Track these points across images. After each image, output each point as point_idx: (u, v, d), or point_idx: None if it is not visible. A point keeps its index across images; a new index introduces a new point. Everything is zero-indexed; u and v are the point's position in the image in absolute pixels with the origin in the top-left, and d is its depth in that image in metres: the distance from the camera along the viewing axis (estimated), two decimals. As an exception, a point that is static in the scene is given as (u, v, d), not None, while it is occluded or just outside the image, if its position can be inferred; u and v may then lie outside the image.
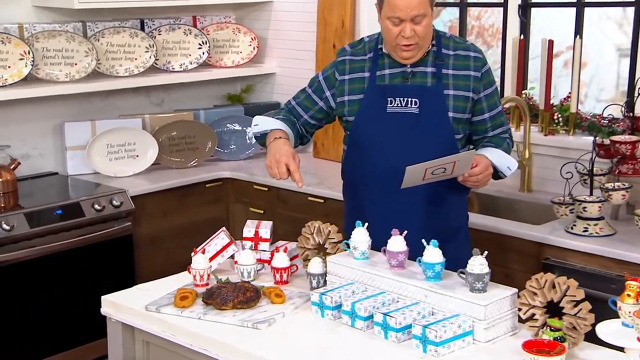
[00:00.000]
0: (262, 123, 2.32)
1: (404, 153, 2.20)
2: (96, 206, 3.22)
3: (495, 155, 2.22)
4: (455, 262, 1.96)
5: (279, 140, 2.22)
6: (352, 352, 1.76)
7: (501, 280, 1.87)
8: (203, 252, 2.19)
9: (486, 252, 1.83)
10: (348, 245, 2.07)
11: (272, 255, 2.24)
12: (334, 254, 2.14)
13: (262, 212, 3.58)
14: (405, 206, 2.21)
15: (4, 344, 2.99)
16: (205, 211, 3.62)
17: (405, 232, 1.97)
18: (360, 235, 2.04)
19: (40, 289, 3.06)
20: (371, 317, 1.86)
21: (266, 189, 3.57)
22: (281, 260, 2.17)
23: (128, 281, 3.23)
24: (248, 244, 2.27)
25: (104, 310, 2.12)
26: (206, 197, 3.64)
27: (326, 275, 2.09)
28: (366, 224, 2.05)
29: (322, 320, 1.94)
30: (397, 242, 1.96)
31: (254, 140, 3.95)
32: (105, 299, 2.12)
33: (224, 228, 2.31)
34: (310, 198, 3.36)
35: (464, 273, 1.83)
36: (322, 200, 3.34)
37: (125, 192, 3.33)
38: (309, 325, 1.92)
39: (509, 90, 3.32)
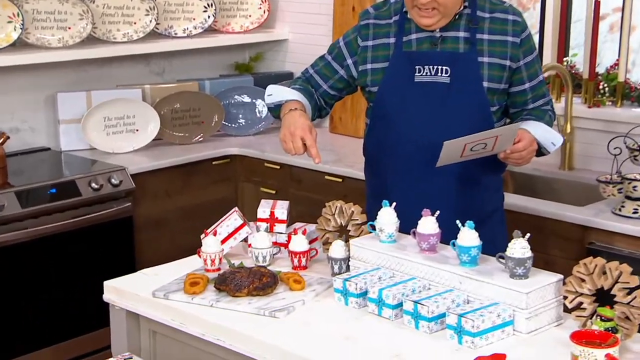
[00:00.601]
0: (277, 93, 2.31)
1: (434, 127, 2.20)
2: (93, 185, 3.24)
3: (539, 130, 2.22)
4: (489, 246, 1.97)
5: (294, 112, 2.22)
6: (379, 343, 1.78)
7: (541, 267, 1.88)
8: (214, 234, 2.21)
9: (528, 235, 1.83)
10: (373, 227, 2.08)
11: (289, 238, 2.26)
12: (358, 236, 2.15)
13: (274, 192, 3.59)
14: (435, 186, 2.22)
15: (-5, 334, 3.04)
16: (212, 191, 3.64)
17: (438, 212, 1.98)
18: (387, 216, 2.05)
19: (33, 274, 3.09)
20: (400, 305, 1.87)
21: (278, 167, 3.58)
22: (300, 243, 2.19)
23: (128, 267, 3.25)
24: (263, 225, 2.28)
25: (106, 296, 2.15)
26: (213, 176, 3.66)
27: (349, 260, 2.11)
28: (394, 204, 2.06)
29: (345, 308, 1.96)
30: (428, 224, 1.97)
31: (264, 114, 3.97)
32: (108, 284, 2.15)
33: (236, 208, 2.33)
34: (327, 177, 3.37)
35: (503, 257, 1.84)
36: (339, 179, 3.35)
37: (125, 169, 3.35)
38: (332, 313, 1.93)
39: (549, 58, 3.29)
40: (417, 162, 2.22)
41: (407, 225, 2.05)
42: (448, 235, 1.96)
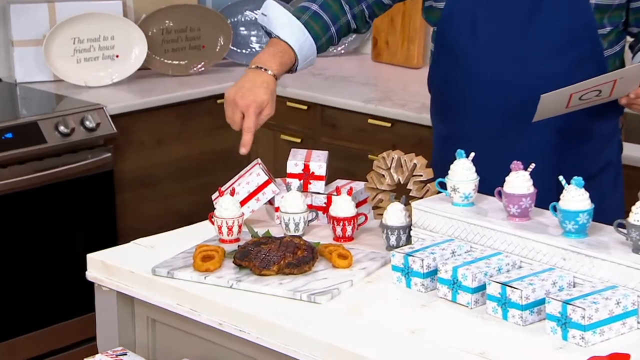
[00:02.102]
0: (272, 16, 2.28)
1: (520, 57, 2.20)
2: (61, 128, 3.26)
3: None
4: (603, 212, 1.97)
5: (260, 73, 2.22)
6: (455, 337, 1.78)
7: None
8: (232, 194, 2.22)
9: (657, 196, 1.83)
10: (444, 185, 2.08)
11: (330, 199, 2.26)
12: (422, 198, 2.15)
13: (298, 140, 3.61)
14: (527, 139, 2.23)
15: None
16: (216, 139, 3.66)
17: (533, 165, 1.98)
18: (463, 171, 2.04)
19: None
20: (482, 288, 1.88)
21: (305, 107, 3.59)
22: (344, 207, 2.19)
23: (107, 236, 3.30)
24: (294, 183, 2.29)
25: (90, 274, 2.16)
26: (217, 119, 3.64)
27: (410, 229, 2.11)
28: (472, 154, 2.06)
29: (407, 292, 1.96)
30: (519, 180, 1.96)
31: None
32: (93, 258, 2.16)
33: (259, 160, 2.34)
34: (370, 120, 3.38)
35: (623, 226, 1.83)
36: (388, 124, 3.36)
37: (103, 108, 3.36)
38: (389, 298, 1.94)
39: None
40: (497, 110, 2.24)
41: (489, 184, 2.05)
42: (545, 197, 1.96)
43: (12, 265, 3.16)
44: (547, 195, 1.99)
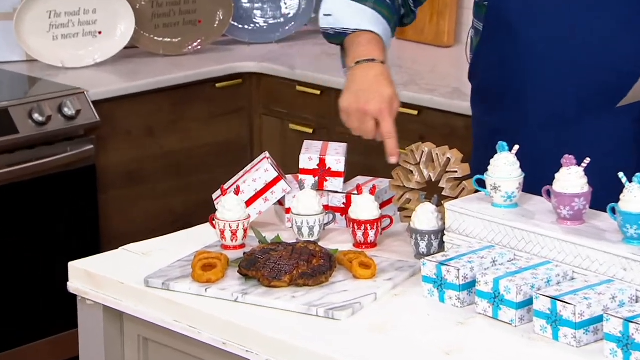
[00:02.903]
0: (339, 14, 2.30)
1: (589, 38, 2.20)
2: (35, 116, 3.27)
3: None
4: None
5: (370, 65, 2.22)
6: (496, 360, 1.79)
7: None
8: (236, 193, 2.22)
9: None
10: (483, 183, 2.08)
11: (349, 199, 2.26)
12: (457, 197, 2.15)
13: (310, 131, 3.61)
14: (602, 126, 2.23)
15: None
16: (215, 129, 3.67)
17: (587, 160, 1.98)
18: (506, 166, 2.04)
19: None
20: (529, 302, 1.87)
21: (318, 91, 3.60)
22: (366, 207, 2.19)
23: (89, 242, 3.30)
24: (308, 180, 2.29)
25: (72, 285, 2.17)
26: (216, 106, 3.69)
27: (443, 234, 2.11)
28: (515, 147, 2.06)
29: (441, 307, 1.96)
30: (571, 178, 1.96)
31: (295, 9, 3.96)
32: (76, 267, 2.16)
33: (267, 154, 2.34)
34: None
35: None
36: (414, 112, 3.36)
37: (84, 93, 3.37)
38: (419, 314, 1.94)
39: None
40: (565, 96, 2.23)
41: (537, 182, 2.05)
42: (605, 196, 1.95)
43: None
44: (606, 193, 1.96)
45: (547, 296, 1.82)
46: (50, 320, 3.22)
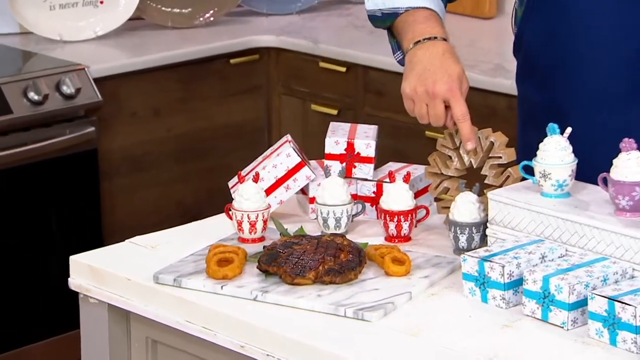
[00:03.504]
0: None
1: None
2: (31, 95, 3.28)
3: None
4: None
5: (435, 43, 2.21)
6: (546, 368, 1.79)
7: None
8: (255, 180, 2.22)
9: None
10: (531, 170, 2.07)
11: (381, 188, 2.27)
12: (501, 186, 2.15)
13: (334, 112, 3.62)
14: None
15: None
16: (229, 109, 3.68)
17: (651, 145, 1.98)
18: (557, 151, 2.04)
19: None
20: (583, 303, 1.87)
21: (343, 68, 3.60)
22: (399, 197, 2.19)
23: (91, 234, 3.31)
24: (335, 166, 2.29)
25: (74, 282, 2.17)
26: (230, 84, 3.69)
27: (486, 227, 2.11)
28: (568, 130, 2.06)
29: (483, 308, 1.96)
30: (631, 164, 1.95)
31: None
32: (78, 261, 2.17)
33: (289, 137, 2.35)
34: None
35: None
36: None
37: (84, 70, 3.38)
38: (459, 316, 1.94)
39: None
40: (624, 71, 2.23)
41: (590, 169, 2.05)
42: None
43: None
44: None
45: (603, 296, 1.81)
46: (49, 321, 3.23)
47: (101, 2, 3.66)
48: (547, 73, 2.33)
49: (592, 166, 2.05)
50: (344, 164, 2.29)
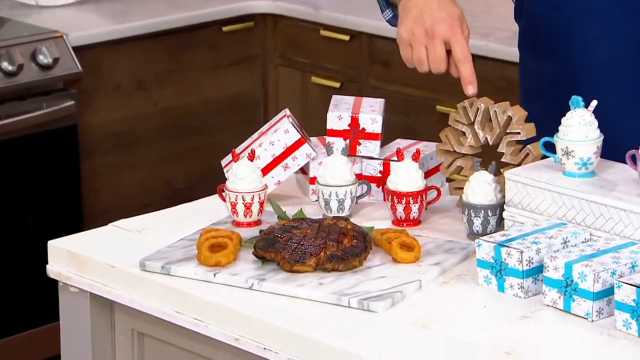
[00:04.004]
0: None
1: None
2: (4, 65, 3.27)
3: None
4: None
5: None
6: (568, 363, 1.79)
7: None
8: (250, 159, 2.22)
9: None
10: (552, 147, 2.07)
11: (388, 167, 2.27)
12: (519, 164, 2.15)
13: (337, 85, 3.62)
14: None
15: None
16: (221, 82, 3.68)
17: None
18: (581, 126, 2.04)
19: None
20: (609, 292, 1.87)
21: (346, 37, 3.59)
22: (408, 177, 2.19)
23: (71, 216, 3.31)
24: (338, 143, 2.30)
25: (53, 269, 2.18)
26: (223, 54, 3.69)
27: (503, 209, 2.11)
28: (593, 103, 2.06)
29: (499, 297, 1.97)
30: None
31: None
32: (57, 246, 2.17)
33: (287, 111, 2.34)
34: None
35: None
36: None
37: (63, 37, 3.37)
38: (474, 306, 1.94)
39: None
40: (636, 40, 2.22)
41: (611, 146, 2.04)
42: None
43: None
44: None
45: (631, 284, 1.81)
46: (25, 312, 3.23)
47: (80, -37, 3.66)
48: (551, 37, 2.32)
49: (617, 142, 2.04)
50: (348, 141, 2.30)
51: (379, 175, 2.30)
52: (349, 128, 2.30)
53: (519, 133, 2.17)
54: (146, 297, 2.05)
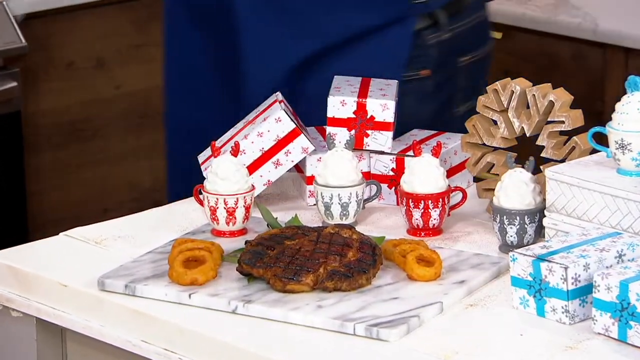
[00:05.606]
0: None
1: None
2: None
3: None
4: None
5: None
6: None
7: None
8: (234, 153, 2.24)
9: None
10: (602, 140, 2.08)
11: (402, 163, 2.29)
12: (563, 160, 2.16)
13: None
14: None
15: None
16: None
17: None
18: (638, 114, 2.04)
19: None
20: (671, 317, 1.88)
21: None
22: (426, 175, 2.21)
23: (13, 223, 3.32)
24: (341, 134, 2.31)
25: (-8, 289, 2.20)
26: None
27: (542, 215, 2.13)
28: (653, 86, 2.07)
29: (539, 323, 1.97)
30: None
31: None
32: (-4, 260, 2.19)
33: (279, 96, 2.36)
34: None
35: None
36: (497, 35, 3.35)
37: (3, 4, 3.37)
38: (508, 334, 1.95)
39: None
40: None
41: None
42: None
43: None
44: None
45: (698, 308, 1.84)
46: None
47: None
48: None
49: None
50: (353, 132, 2.31)
51: (391, 173, 2.32)
52: (354, 116, 2.31)
53: (563, 122, 2.17)
54: (106, 324, 2.06)
